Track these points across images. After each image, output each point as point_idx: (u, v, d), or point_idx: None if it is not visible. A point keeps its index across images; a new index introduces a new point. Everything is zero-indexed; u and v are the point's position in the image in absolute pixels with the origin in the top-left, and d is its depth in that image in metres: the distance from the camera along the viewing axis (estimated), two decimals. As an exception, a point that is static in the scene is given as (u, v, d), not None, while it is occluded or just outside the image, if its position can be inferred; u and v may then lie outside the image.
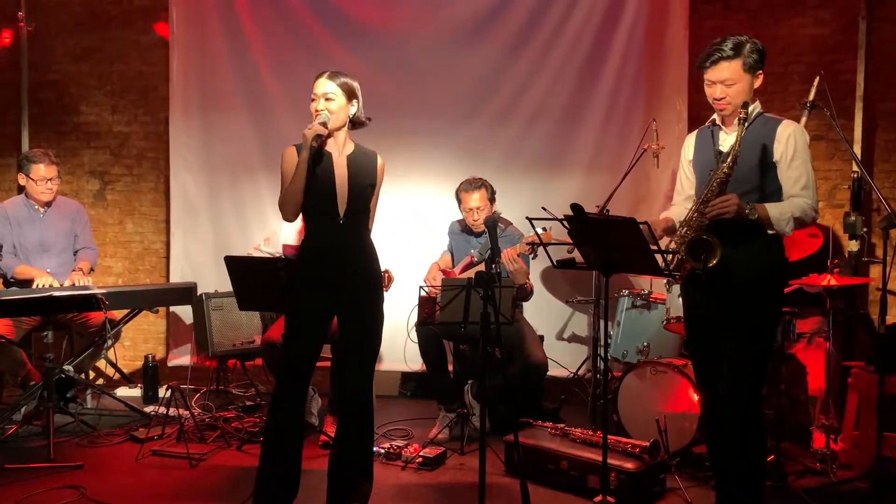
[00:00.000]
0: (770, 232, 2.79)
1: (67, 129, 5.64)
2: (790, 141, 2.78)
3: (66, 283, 4.37)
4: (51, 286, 4.24)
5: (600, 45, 4.95)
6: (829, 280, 3.64)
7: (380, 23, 5.15)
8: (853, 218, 4.52)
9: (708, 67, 2.82)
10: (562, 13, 4.98)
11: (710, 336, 2.91)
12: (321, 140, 2.98)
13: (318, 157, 2.99)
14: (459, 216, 4.54)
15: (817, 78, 3.86)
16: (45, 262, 4.48)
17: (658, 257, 2.76)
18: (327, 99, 3.03)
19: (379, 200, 3.22)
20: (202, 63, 5.30)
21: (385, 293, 3.31)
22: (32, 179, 4.45)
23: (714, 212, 2.72)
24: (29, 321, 4.33)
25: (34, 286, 4.24)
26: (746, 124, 2.75)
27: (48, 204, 4.56)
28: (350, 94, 3.06)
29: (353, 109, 3.08)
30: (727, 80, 2.78)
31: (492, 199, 4.37)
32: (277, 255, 4.37)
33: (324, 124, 3.00)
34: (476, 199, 4.31)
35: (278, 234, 4.48)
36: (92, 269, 4.63)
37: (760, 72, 2.83)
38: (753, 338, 2.81)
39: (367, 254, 3.13)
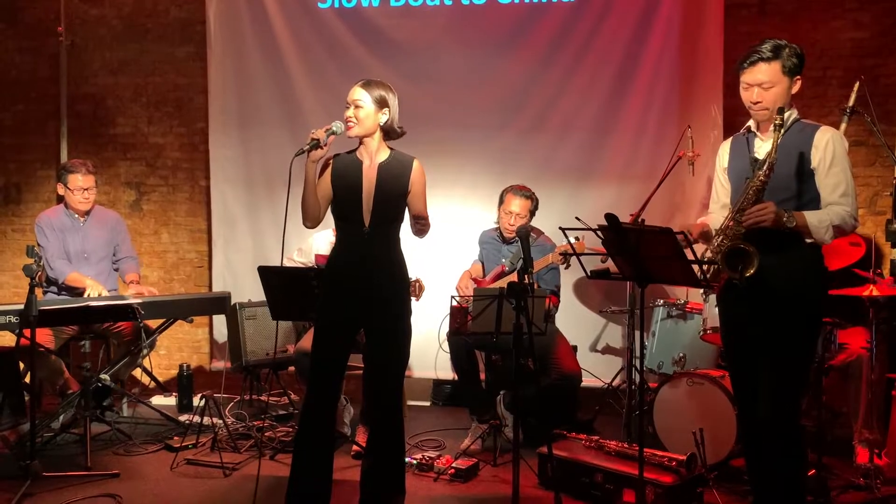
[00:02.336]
0: (808, 240, 2.72)
1: (104, 141, 5.73)
2: (828, 147, 2.70)
3: (132, 294, 4.43)
4: (100, 295, 4.31)
5: (633, 52, 4.91)
6: (872, 290, 3.55)
7: (413, 35, 5.17)
8: (895, 225, 4.41)
9: (745, 69, 2.75)
10: (594, 20, 4.95)
11: (748, 347, 2.84)
12: (317, 144, 3.00)
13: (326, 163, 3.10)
14: (492, 225, 4.52)
15: (857, 83, 3.78)
16: (83, 271, 4.54)
17: (695, 268, 2.71)
18: (356, 106, 3.04)
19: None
20: (239, 75, 5.38)
21: (415, 302, 3.29)
22: (70, 189, 4.53)
23: (751, 220, 2.66)
24: (68, 330, 4.40)
25: (85, 295, 4.32)
26: (783, 130, 2.68)
27: (87, 213, 4.64)
28: (380, 103, 3.05)
29: (383, 118, 3.07)
30: (765, 82, 2.71)
31: (532, 213, 4.35)
32: (310, 264, 4.39)
33: (331, 132, 3.02)
34: (519, 205, 4.30)
35: (311, 245, 4.50)
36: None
37: (799, 77, 2.76)
38: (792, 349, 2.74)
39: (394, 265, 3.10)
